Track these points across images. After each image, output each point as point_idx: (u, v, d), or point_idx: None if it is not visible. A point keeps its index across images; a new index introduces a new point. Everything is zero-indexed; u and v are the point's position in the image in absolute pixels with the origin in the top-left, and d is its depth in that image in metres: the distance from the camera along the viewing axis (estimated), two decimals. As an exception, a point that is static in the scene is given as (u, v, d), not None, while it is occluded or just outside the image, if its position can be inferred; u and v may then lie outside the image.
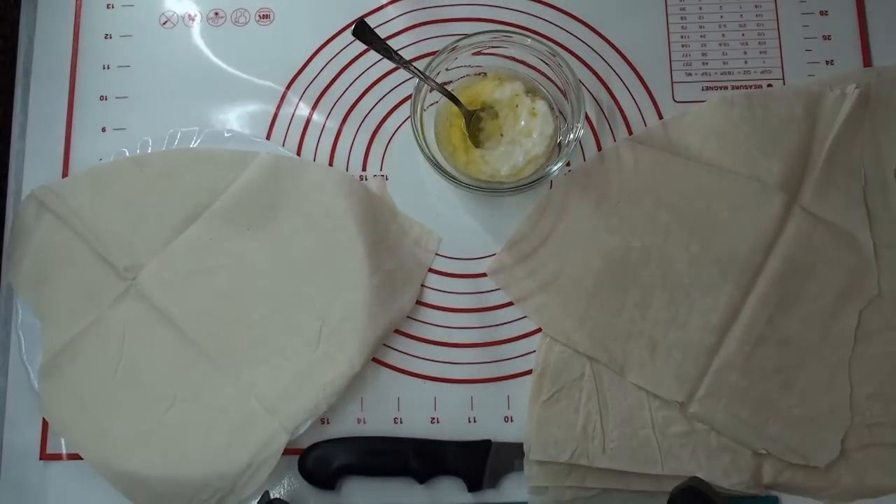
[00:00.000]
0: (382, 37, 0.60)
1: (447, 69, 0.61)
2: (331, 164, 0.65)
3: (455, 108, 0.61)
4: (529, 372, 0.61)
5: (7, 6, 0.68)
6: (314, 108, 0.66)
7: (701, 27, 0.66)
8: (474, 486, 0.58)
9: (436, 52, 0.61)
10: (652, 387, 0.58)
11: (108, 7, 0.68)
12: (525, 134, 0.61)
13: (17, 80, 0.67)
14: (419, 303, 0.62)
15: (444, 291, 0.62)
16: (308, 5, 0.68)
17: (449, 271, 0.63)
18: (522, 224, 0.63)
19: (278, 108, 0.66)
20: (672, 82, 0.66)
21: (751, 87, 0.65)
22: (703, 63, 0.66)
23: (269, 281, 0.61)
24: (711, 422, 0.58)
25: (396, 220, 0.63)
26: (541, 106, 0.61)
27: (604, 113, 0.65)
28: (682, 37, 0.66)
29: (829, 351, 0.59)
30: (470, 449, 0.59)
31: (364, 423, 0.60)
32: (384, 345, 0.61)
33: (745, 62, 0.66)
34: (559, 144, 0.62)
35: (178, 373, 0.60)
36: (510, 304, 0.62)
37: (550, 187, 0.63)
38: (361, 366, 0.59)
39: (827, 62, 0.65)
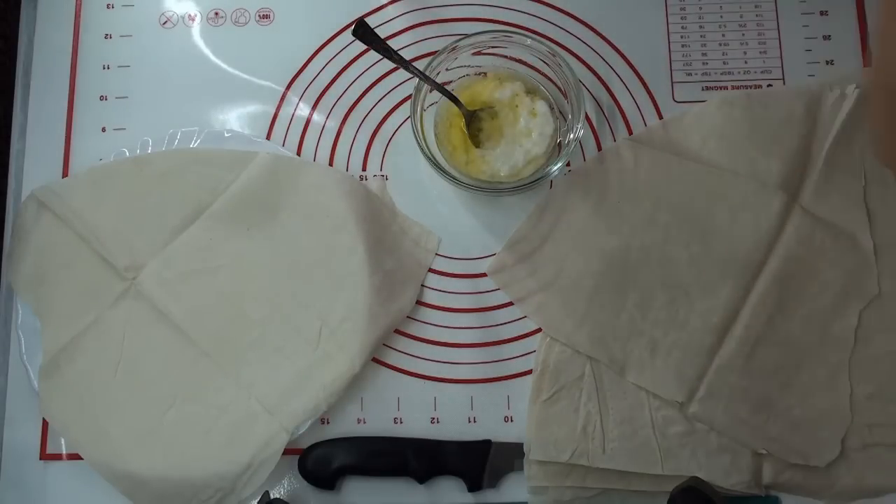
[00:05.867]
0: (382, 37, 0.60)
1: (447, 69, 0.61)
2: (331, 164, 0.65)
3: (455, 108, 0.61)
4: (529, 372, 0.61)
5: (7, 6, 0.68)
6: (314, 108, 0.66)
7: (701, 27, 0.67)
8: (474, 486, 0.58)
9: (436, 52, 0.61)
10: (652, 387, 0.58)
11: (108, 7, 0.68)
12: (525, 134, 0.61)
13: (17, 80, 0.67)
14: (419, 303, 0.62)
15: (444, 291, 0.62)
16: (308, 5, 0.68)
17: (449, 271, 0.63)
18: (522, 224, 0.63)
19: (278, 108, 0.66)
20: (672, 82, 0.66)
21: (751, 87, 0.65)
22: (703, 63, 0.66)
23: (269, 281, 0.61)
24: (711, 422, 0.58)
25: (396, 220, 0.63)
26: (541, 106, 0.61)
27: (604, 113, 0.65)
28: (682, 37, 0.67)
29: (829, 351, 0.59)
30: (470, 449, 0.59)
31: (364, 423, 0.60)
32: (384, 345, 0.61)
33: (745, 62, 0.66)
34: (559, 144, 0.62)
35: (178, 373, 0.60)
36: (510, 304, 0.62)
37: (550, 187, 0.63)
38: (361, 366, 0.59)
39: (827, 62, 0.65)
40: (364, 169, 0.65)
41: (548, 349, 0.60)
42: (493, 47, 0.62)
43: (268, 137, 0.65)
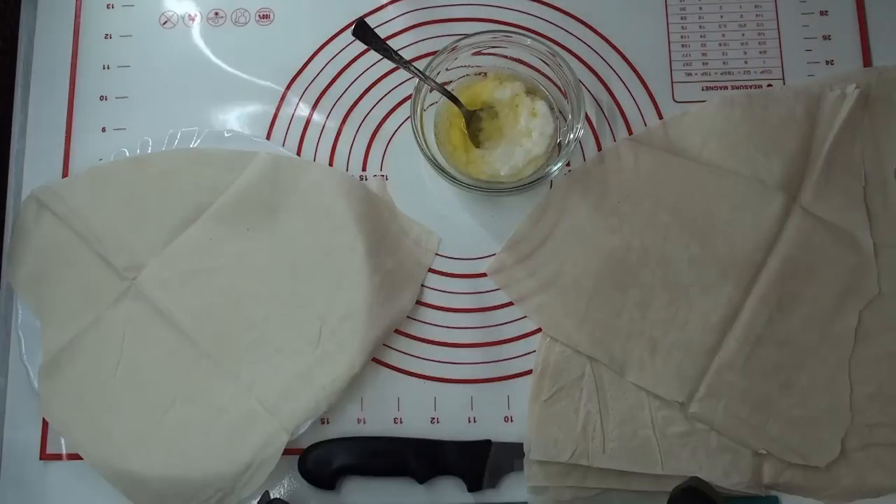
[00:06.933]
0: (382, 37, 0.60)
1: (447, 69, 0.61)
2: (331, 164, 0.65)
3: (455, 108, 0.61)
4: (529, 372, 0.61)
5: (7, 6, 0.68)
6: (314, 108, 0.66)
7: (701, 27, 0.67)
8: (474, 486, 0.58)
9: (436, 52, 0.61)
10: (652, 387, 0.58)
11: (108, 7, 0.68)
12: (525, 134, 0.61)
13: (17, 80, 0.67)
14: (419, 303, 0.62)
15: (444, 291, 0.62)
16: (308, 5, 0.68)
17: (449, 271, 0.63)
18: (522, 224, 0.63)
19: (278, 108, 0.66)
20: (672, 82, 0.66)
21: (751, 87, 0.65)
22: (703, 63, 0.66)
23: (269, 281, 0.61)
24: (711, 422, 0.58)
25: (396, 220, 0.63)
26: (541, 106, 0.61)
27: (604, 113, 0.65)
28: (682, 37, 0.67)
29: (829, 351, 0.59)
30: (470, 449, 0.59)
31: (364, 423, 0.60)
32: (384, 345, 0.61)
33: (745, 62, 0.66)
34: (559, 144, 0.62)
35: (178, 373, 0.59)
36: (510, 304, 0.62)
37: (550, 187, 0.63)
38: (361, 366, 0.59)
39: (827, 62, 0.65)
40: (364, 169, 0.65)
41: (548, 349, 0.60)
42: (493, 47, 0.62)
43: (268, 137, 0.65)
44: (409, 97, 0.60)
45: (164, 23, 0.68)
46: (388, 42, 0.60)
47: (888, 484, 0.57)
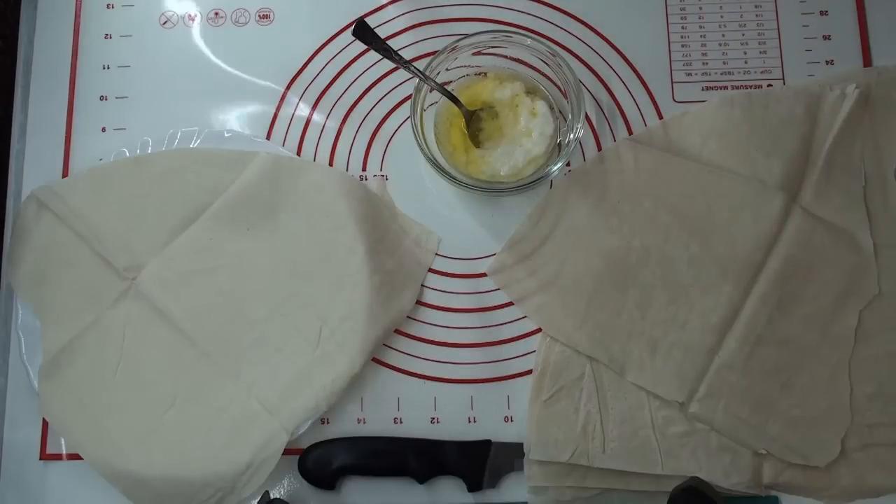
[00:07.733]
0: (382, 37, 0.60)
1: (447, 69, 0.61)
2: (331, 164, 0.65)
3: (455, 108, 0.61)
4: (529, 372, 0.61)
5: (7, 6, 0.68)
6: (314, 108, 0.66)
7: (701, 27, 0.67)
8: (474, 486, 0.58)
9: (436, 52, 0.61)
10: (652, 387, 0.58)
11: (108, 7, 0.68)
12: (525, 134, 0.61)
13: (17, 80, 0.67)
14: (419, 303, 0.62)
15: (444, 291, 0.62)
16: (308, 5, 0.68)
17: (449, 271, 0.63)
18: (522, 224, 0.63)
19: (278, 108, 0.66)
20: (672, 82, 0.66)
21: (751, 87, 0.65)
22: (703, 63, 0.66)
23: (269, 281, 0.61)
24: (711, 422, 0.58)
25: (396, 220, 0.63)
26: (541, 106, 0.61)
27: (604, 113, 0.65)
28: (682, 37, 0.67)
29: (829, 351, 0.59)
30: (470, 449, 0.59)
31: (364, 423, 0.60)
32: (384, 345, 0.61)
33: (745, 62, 0.66)
34: (559, 144, 0.62)
35: (178, 373, 0.60)
36: (510, 304, 0.62)
37: (550, 187, 0.63)
38: (361, 366, 0.59)
39: (827, 62, 0.65)
40: (364, 169, 0.65)
41: (548, 349, 0.60)
42: (493, 47, 0.62)
43: (268, 137, 0.65)
44: (409, 97, 0.60)
45: (164, 23, 0.68)
46: (388, 42, 0.60)
47: (888, 484, 0.57)
